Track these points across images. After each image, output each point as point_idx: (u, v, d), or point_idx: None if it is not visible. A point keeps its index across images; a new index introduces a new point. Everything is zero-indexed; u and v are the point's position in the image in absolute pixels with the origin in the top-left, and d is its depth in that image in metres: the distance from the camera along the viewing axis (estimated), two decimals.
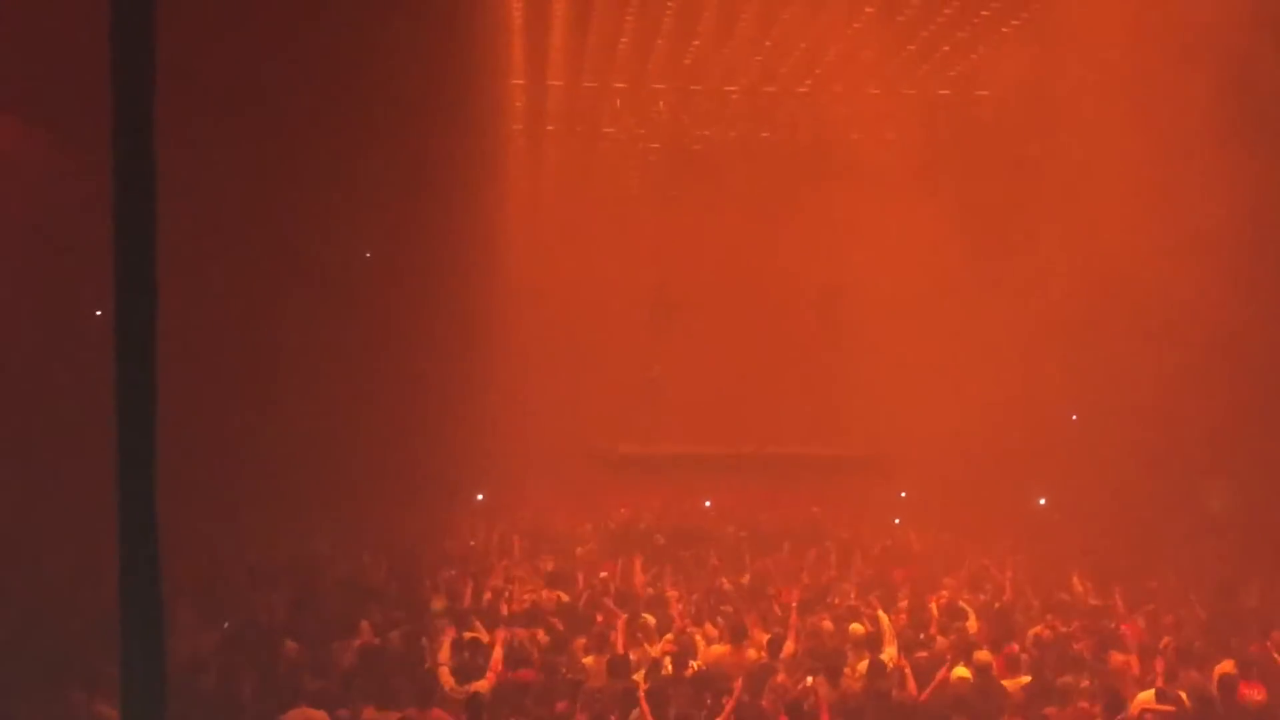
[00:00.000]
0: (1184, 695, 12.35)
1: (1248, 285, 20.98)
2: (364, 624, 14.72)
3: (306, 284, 20.40)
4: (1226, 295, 21.07)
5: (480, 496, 27.63)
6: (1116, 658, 13.84)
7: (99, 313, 20.01)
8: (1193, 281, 21.53)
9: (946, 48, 26.74)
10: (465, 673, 12.78)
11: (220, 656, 13.27)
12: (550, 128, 31.11)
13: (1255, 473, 21.31)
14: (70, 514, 13.69)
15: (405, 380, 23.44)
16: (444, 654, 13.55)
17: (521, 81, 28.58)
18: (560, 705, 12.13)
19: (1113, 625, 15.77)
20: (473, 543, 23.16)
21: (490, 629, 14.73)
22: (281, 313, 19.87)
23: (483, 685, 12.29)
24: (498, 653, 13.17)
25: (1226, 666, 13.23)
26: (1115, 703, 11.98)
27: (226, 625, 14.43)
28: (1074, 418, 26.39)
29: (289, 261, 19.78)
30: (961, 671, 12.96)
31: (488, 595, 16.85)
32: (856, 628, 14.71)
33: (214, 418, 18.21)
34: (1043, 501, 27.82)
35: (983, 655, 13.46)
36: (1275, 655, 14.27)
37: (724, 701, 11.77)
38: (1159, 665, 13.28)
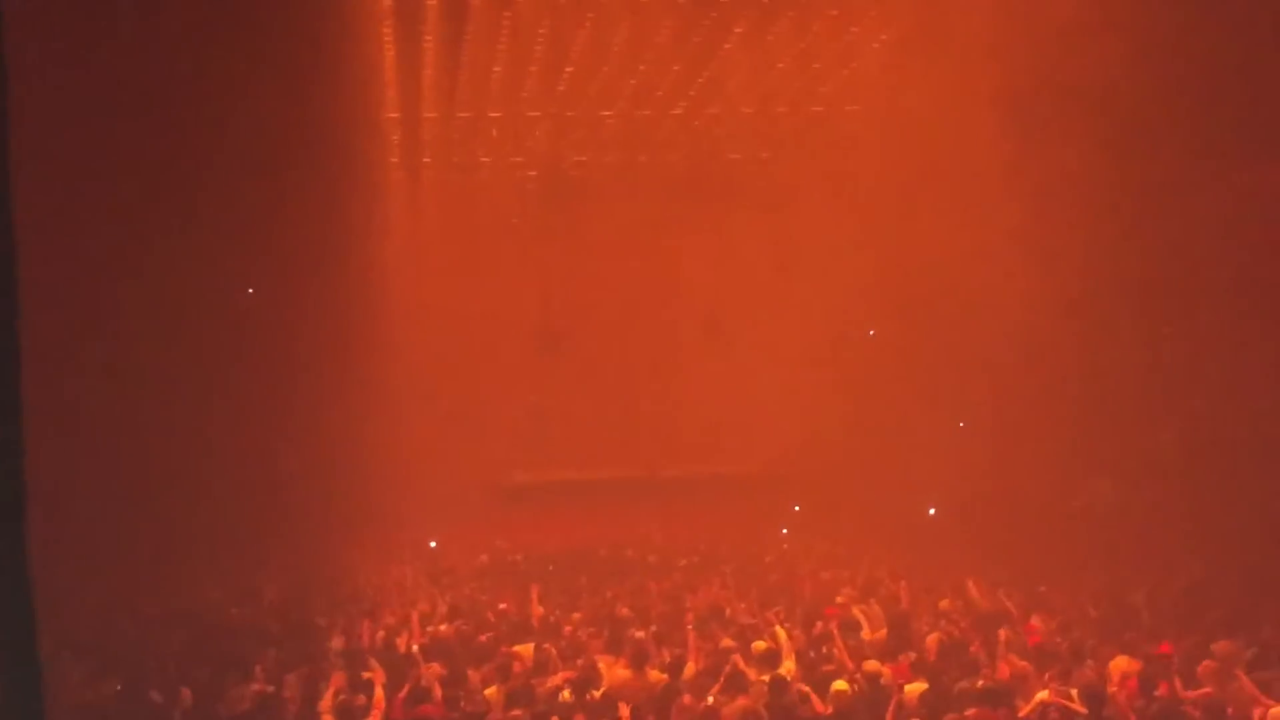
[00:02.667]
0: (1076, 693, 12.54)
1: (1104, 296, 21.51)
2: (257, 669, 14.49)
3: (184, 322, 20.05)
4: (1089, 304, 21.60)
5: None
6: (1011, 659, 13.98)
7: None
8: (1063, 289, 22.02)
9: (817, 65, 26.96)
10: (350, 715, 12.63)
11: (113, 706, 12.98)
12: (427, 159, 30.97)
13: (1139, 472, 21.74)
14: None
15: (292, 419, 23.13)
16: (326, 700, 13.38)
17: (396, 115, 28.44)
18: None
19: (1007, 628, 15.95)
20: (368, 580, 22.91)
21: (386, 667, 14.58)
22: (160, 354, 19.49)
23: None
24: (379, 693, 13.00)
25: (1120, 663, 13.44)
26: (1011, 704, 12.12)
27: (120, 687, 14.07)
28: (961, 425, 26.72)
29: (165, 299, 19.41)
30: (840, 685, 12.98)
31: (382, 633, 16.66)
32: (757, 644, 14.74)
33: (93, 465, 17.82)
34: (933, 511, 28.11)
35: (871, 665, 13.58)
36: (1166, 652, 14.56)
37: None
38: (1054, 666, 13.47)
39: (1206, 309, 20.03)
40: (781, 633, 14.92)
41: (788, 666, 13.82)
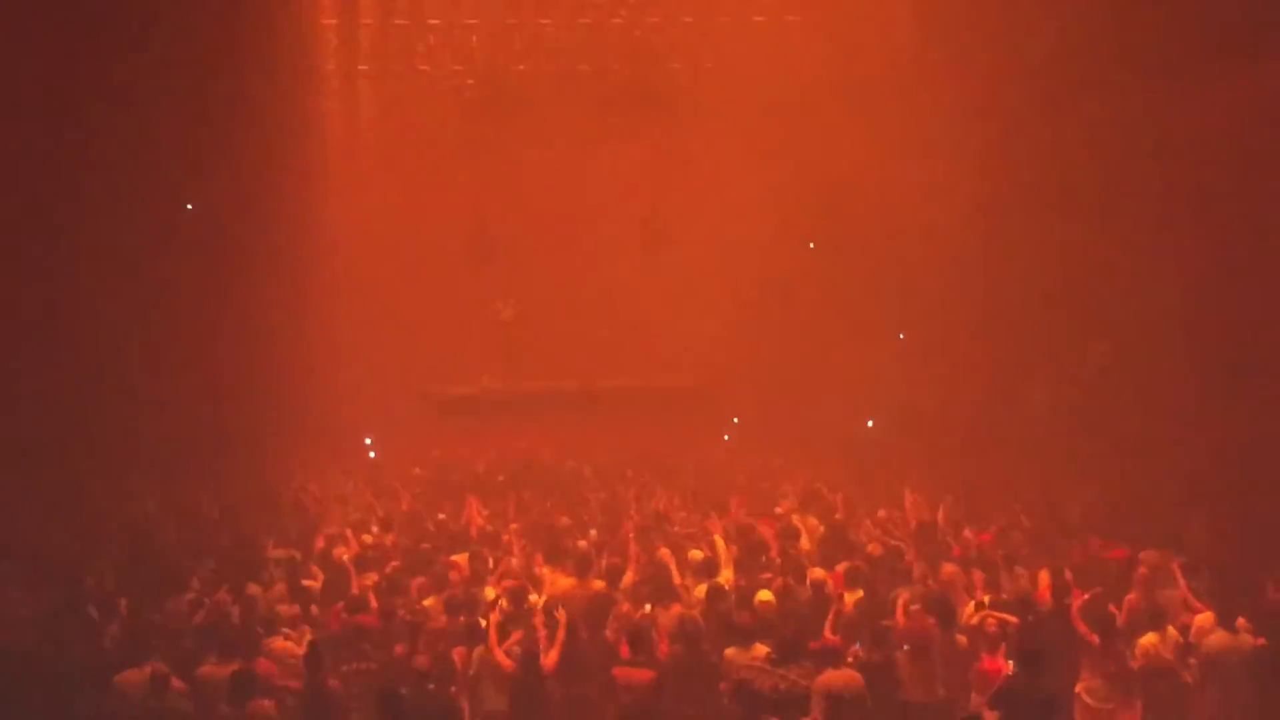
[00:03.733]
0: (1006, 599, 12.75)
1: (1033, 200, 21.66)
2: (194, 580, 14.46)
3: (124, 234, 19.79)
4: (1020, 209, 21.75)
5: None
6: (947, 569, 14.16)
7: None
8: (997, 194, 22.17)
9: None
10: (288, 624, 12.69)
11: (48, 620, 12.92)
12: (364, 67, 30.53)
13: (1073, 381, 21.96)
14: None
15: (230, 332, 22.95)
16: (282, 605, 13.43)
17: (334, 21, 28.00)
18: (398, 648, 12.04)
19: (942, 538, 16.13)
20: (307, 492, 22.85)
21: (327, 575, 14.61)
22: (102, 268, 19.26)
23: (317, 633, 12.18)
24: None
25: (1047, 575, 13.64)
26: (947, 612, 12.28)
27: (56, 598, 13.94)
28: (901, 336, 26.85)
29: (104, 211, 19.14)
30: (764, 595, 13.12)
31: (320, 543, 16.64)
32: (695, 553, 14.84)
33: (30, 376, 17.63)
34: (870, 424, 28.30)
35: (816, 573, 13.72)
36: (1097, 558, 14.81)
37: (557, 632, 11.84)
38: (984, 575, 13.65)
39: (1128, 209, 20.14)
40: (720, 542, 15.03)
41: (725, 575, 13.94)
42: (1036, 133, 21.52)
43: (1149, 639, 11.96)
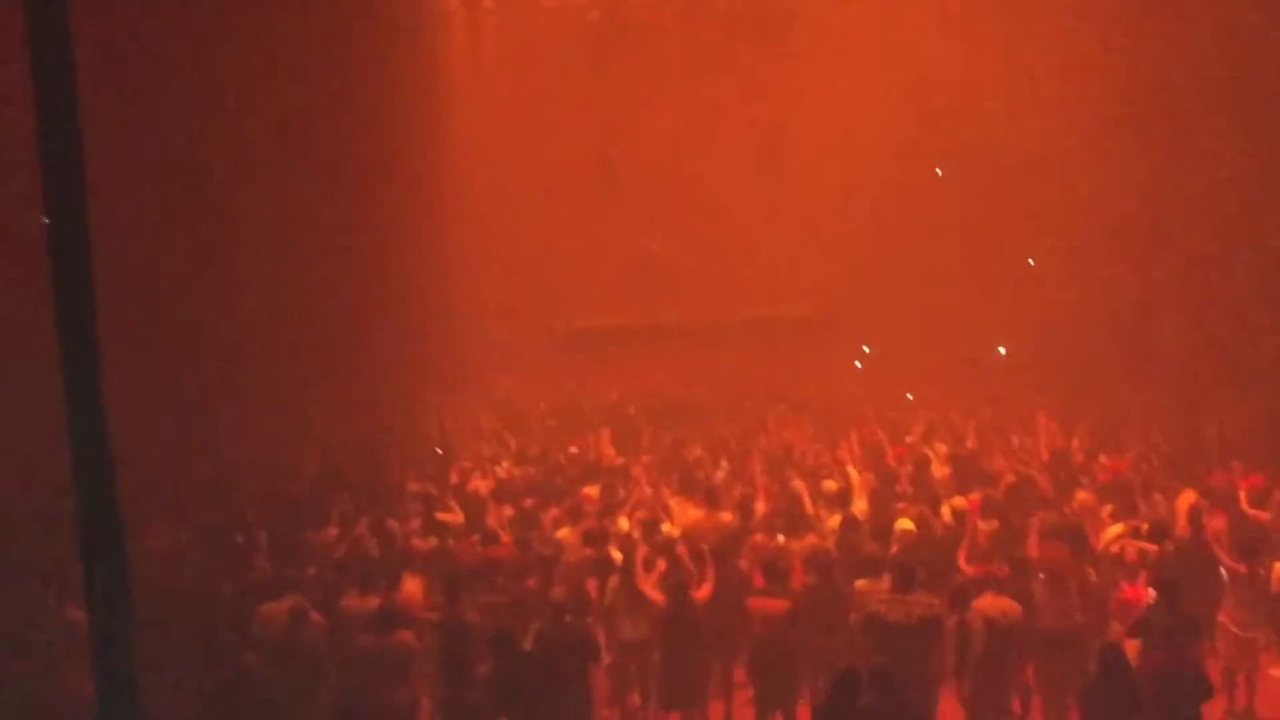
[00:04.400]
0: (1145, 527, 12.55)
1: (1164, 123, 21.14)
2: (334, 512, 14.73)
3: (255, 174, 20.03)
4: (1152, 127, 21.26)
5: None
6: (1081, 496, 14.00)
7: None
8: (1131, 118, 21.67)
9: None
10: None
11: (193, 551, 13.26)
12: (488, 2, 30.59)
13: (1207, 306, 21.46)
14: (19, 414, 13.41)
15: (359, 268, 23.18)
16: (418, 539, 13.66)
17: None
18: (529, 581, 12.17)
19: (1076, 464, 15.94)
20: (440, 426, 23.14)
21: (462, 509, 14.80)
22: (231, 207, 19.51)
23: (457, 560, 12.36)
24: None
25: (1189, 497, 13.42)
26: (1080, 540, 12.15)
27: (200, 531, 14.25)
28: (1031, 261, 26.42)
29: (236, 154, 19.37)
30: (905, 524, 13.09)
31: (455, 476, 16.86)
32: (828, 484, 14.82)
33: (166, 316, 17.94)
34: (1002, 350, 27.95)
35: (957, 501, 13.61)
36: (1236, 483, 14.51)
37: (707, 564, 11.88)
38: (1120, 502, 13.48)
39: (1269, 129, 19.58)
40: (853, 472, 14.99)
41: (859, 506, 13.91)
42: (1173, 54, 20.94)
43: None
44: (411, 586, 12.14)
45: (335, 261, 21.81)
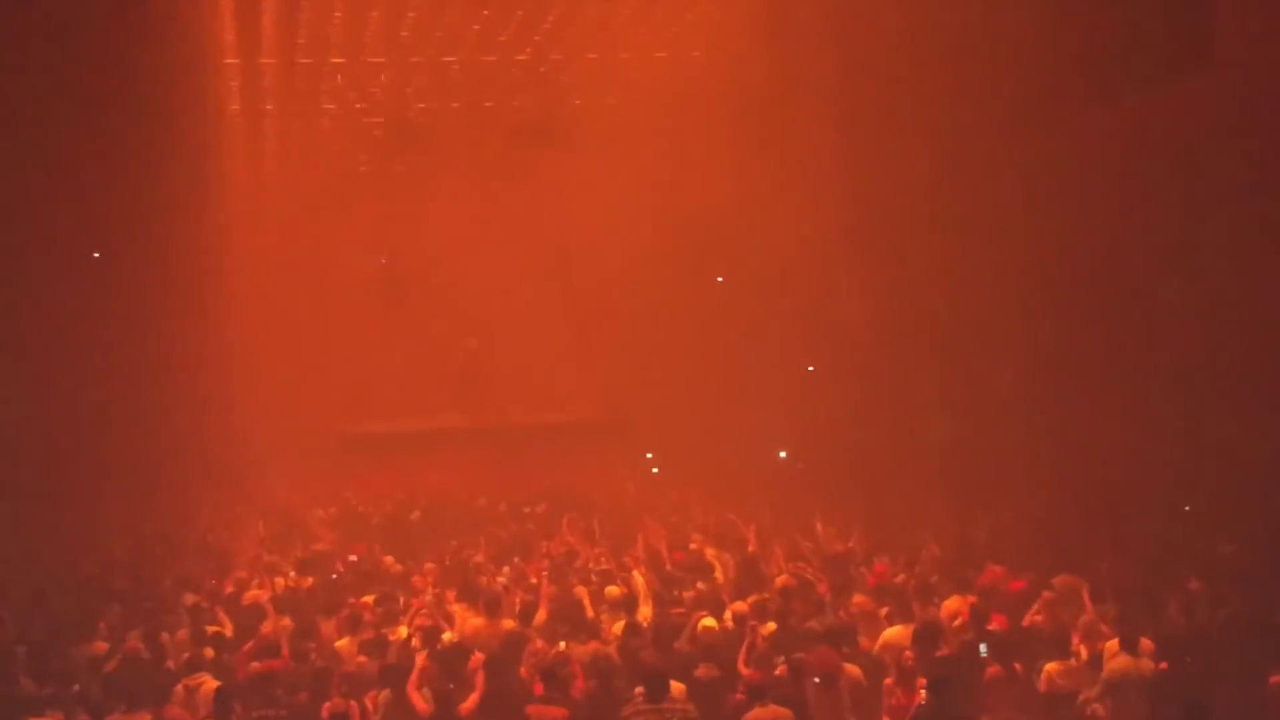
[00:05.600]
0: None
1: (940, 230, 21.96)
2: (101, 625, 14.27)
3: (36, 282, 19.54)
4: (928, 239, 22.05)
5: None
6: (857, 599, 14.27)
7: None
8: (902, 223, 22.45)
9: (661, 10, 26.85)
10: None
11: None
12: (269, 106, 30.37)
13: (979, 408, 22.20)
14: None
15: (140, 373, 22.70)
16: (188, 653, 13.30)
17: (236, 60, 27.80)
18: (301, 695, 11.92)
19: (855, 568, 16.24)
20: (215, 536, 22.64)
21: (235, 621, 14.47)
22: (10, 313, 18.98)
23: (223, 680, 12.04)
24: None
25: (954, 602, 13.79)
26: (853, 641, 12.38)
27: None
28: (810, 368, 27.01)
29: (12, 260, 18.88)
30: (708, 622, 13.27)
31: (231, 588, 16.50)
32: (612, 589, 14.85)
33: None
34: (783, 455, 28.45)
35: (738, 606, 13.76)
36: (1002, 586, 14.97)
37: (473, 672, 11.80)
38: (893, 604, 13.78)
39: (1031, 232, 20.47)
40: (638, 577, 15.04)
41: (644, 612, 13.96)
42: (936, 157, 21.80)
43: (1053, 666, 12.13)
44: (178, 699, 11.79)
45: (110, 365, 21.33)
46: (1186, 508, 18.15)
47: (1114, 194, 18.86)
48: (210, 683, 11.97)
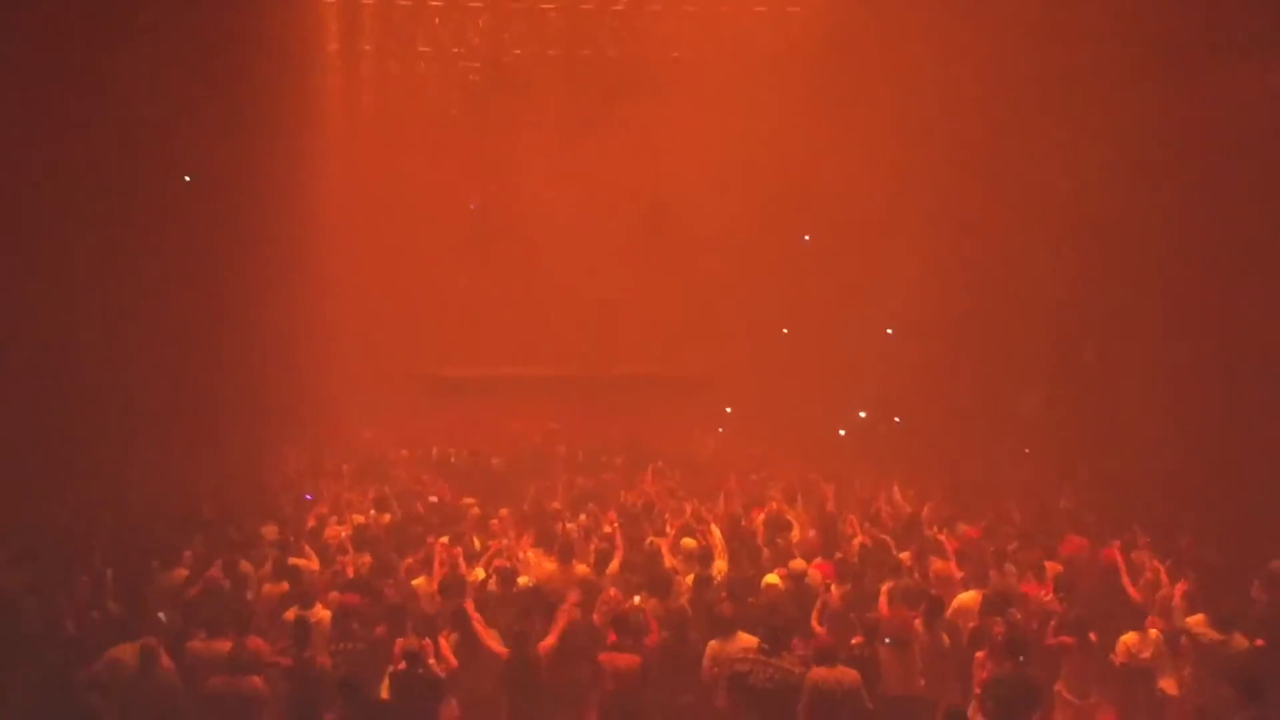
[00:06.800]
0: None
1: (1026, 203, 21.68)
2: (187, 554, 14.50)
3: (126, 224, 19.73)
4: (1012, 211, 21.78)
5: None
6: (936, 563, 14.21)
7: None
8: (988, 196, 22.18)
9: None
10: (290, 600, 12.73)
11: (38, 591, 12.93)
12: (366, 47, 30.51)
13: (1065, 380, 21.98)
14: None
15: (227, 310, 22.91)
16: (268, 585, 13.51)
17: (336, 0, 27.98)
18: (378, 629, 12.07)
19: (930, 532, 16.16)
20: (300, 472, 22.90)
21: (317, 555, 14.65)
22: (102, 251, 19.18)
23: (309, 612, 12.19)
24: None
25: (1053, 567, 13.73)
26: (935, 606, 12.31)
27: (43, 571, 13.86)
28: (889, 331, 26.85)
29: (108, 204, 19.06)
30: (771, 579, 13.28)
31: (312, 522, 16.70)
32: (687, 542, 14.86)
33: (16, 361, 17.54)
34: (863, 415, 28.32)
35: (798, 564, 13.75)
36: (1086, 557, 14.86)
37: (556, 615, 11.86)
38: (974, 569, 13.71)
39: (1119, 208, 20.18)
40: (716, 531, 15.04)
41: (718, 566, 13.98)
42: (1032, 129, 21.52)
43: (1129, 638, 12.04)
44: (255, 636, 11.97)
45: (196, 307, 21.53)
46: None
47: (1220, 164, 18.51)
48: (289, 613, 12.18)
